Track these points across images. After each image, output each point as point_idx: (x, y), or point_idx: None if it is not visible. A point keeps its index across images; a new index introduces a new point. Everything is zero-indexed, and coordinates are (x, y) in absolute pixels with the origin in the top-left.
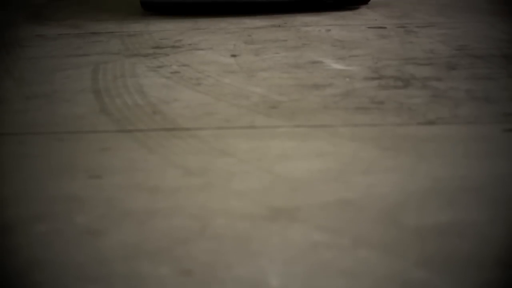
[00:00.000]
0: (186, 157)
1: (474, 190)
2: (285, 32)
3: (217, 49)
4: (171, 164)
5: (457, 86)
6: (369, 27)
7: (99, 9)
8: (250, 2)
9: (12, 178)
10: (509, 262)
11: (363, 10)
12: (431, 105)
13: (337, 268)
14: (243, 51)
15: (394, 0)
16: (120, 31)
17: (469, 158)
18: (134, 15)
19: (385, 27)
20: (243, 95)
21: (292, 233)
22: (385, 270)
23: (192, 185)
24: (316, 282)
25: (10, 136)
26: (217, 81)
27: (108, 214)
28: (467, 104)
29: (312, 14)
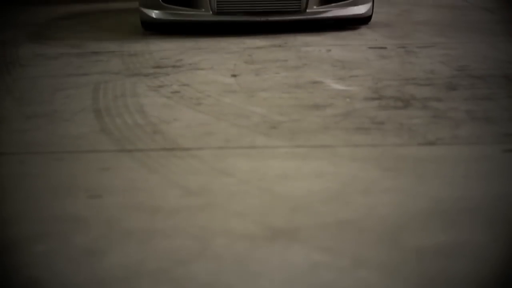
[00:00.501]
0: (186, 177)
1: (474, 210)
2: (285, 52)
3: (217, 68)
4: (171, 184)
5: (457, 107)
6: (369, 47)
7: (99, 28)
8: (250, 22)
9: (12, 197)
10: (509, 283)
11: (363, 30)
12: (431, 125)
13: None
14: (243, 71)
15: (395, 20)
16: (120, 51)
17: (470, 178)
18: (135, 35)
19: (385, 47)
20: (244, 115)
21: (292, 254)
22: None
23: (192, 205)
24: None
25: (10, 156)
26: (217, 101)
27: (108, 234)
28: (467, 124)
29: (312, 34)
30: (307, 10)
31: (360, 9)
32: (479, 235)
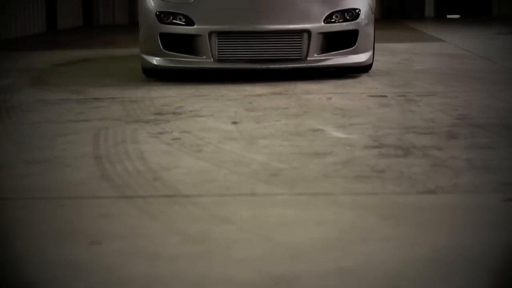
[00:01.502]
0: (186, 224)
1: (473, 259)
2: (286, 99)
3: (218, 116)
4: (171, 230)
5: (457, 155)
6: (369, 96)
7: (101, 74)
8: (250, 69)
9: (12, 243)
10: None
11: (363, 78)
12: (431, 174)
13: None
14: (244, 118)
15: (395, 68)
16: (121, 97)
17: (469, 227)
18: (136, 81)
19: (385, 96)
20: (244, 163)
21: None
22: None
23: (192, 252)
24: None
25: (11, 201)
26: (218, 148)
27: (108, 280)
28: (467, 173)
29: (313, 81)
30: (308, 58)
31: (361, 57)
32: (478, 284)
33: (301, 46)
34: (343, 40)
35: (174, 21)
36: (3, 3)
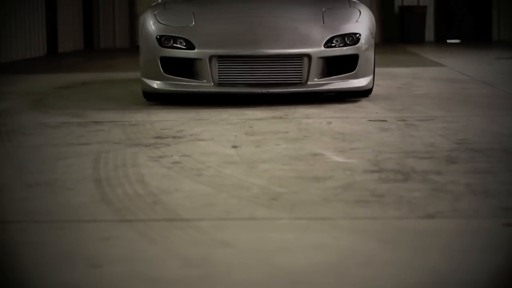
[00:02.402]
0: (186, 248)
1: (473, 285)
2: (286, 124)
3: (218, 140)
4: (171, 254)
5: (457, 180)
6: (369, 120)
7: (101, 98)
8: (251, 93)
9: (13, 266)
10: None
11: (364, 102)
12: (431, 199)
13: None
14: (244, 142)
15: (395, 93)
16: (122, 121)
17: (469, 252)
18: (136, 105)
19: (385, 120)
20: (244, 187)
21: None
22: None
23: (192, 276)
24: None
25: (11, 224)
26: (218, 172)
27: None
28: (466, 198)
29: (313, 106)
30: (308, 82)
31: (361, 82)
32: None
33: (301, 70)
34: (344, 65)
35: (175, 45)
36: (4, 26)
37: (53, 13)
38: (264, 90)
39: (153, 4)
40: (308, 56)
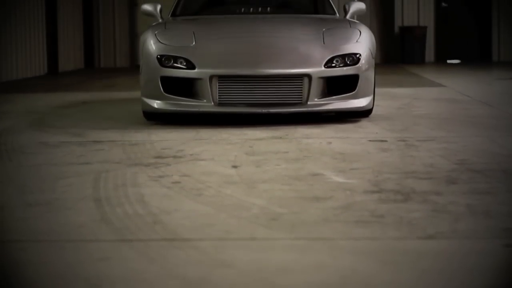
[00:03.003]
0: (186, 268)
1: None
2: (286, 144)
3: (218, 160)
4: (170, 275)
5: (456, 201)
6: (369, 140)
7: (101, 117)
8: (251, 113)
9: (12, 285)
10: None
11: (364, 123)
12: (431, 219)
13: None
14: (244, 162)
15: (395, 113)
16: (122, 140)
17: (469, 273)
18: (137, 124)
19: (385, 141)
20: (244, 207)
21: None
22: None
23: None
24: None
25: (11, 243)
26: (218, 192)
27: None
28: (466, 218)
29: (313, 126)
30: (308, 102)
31: (361, 102)
32: None
33: (301, 90)
34: (344, 85)
35: (175, 64)
36: (4, 45)
37: (54, 32)
38: (264, 110)
39: (153, 24)
40: (309, 76)
